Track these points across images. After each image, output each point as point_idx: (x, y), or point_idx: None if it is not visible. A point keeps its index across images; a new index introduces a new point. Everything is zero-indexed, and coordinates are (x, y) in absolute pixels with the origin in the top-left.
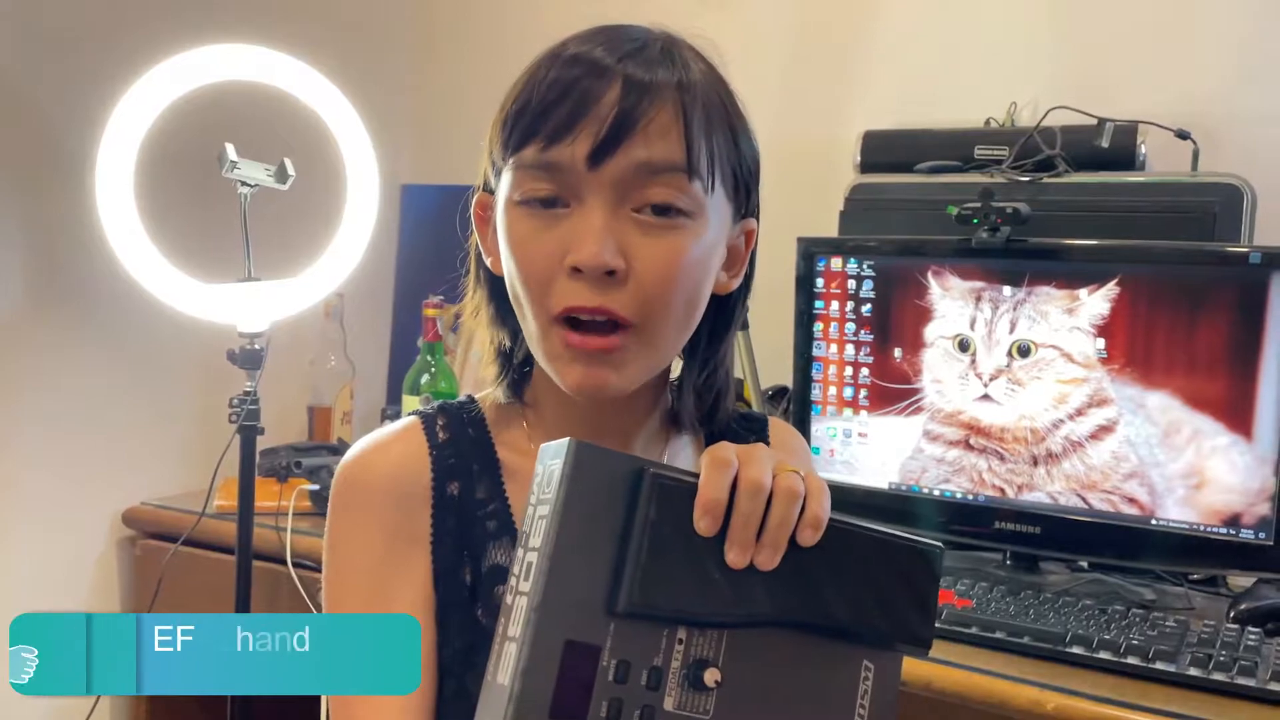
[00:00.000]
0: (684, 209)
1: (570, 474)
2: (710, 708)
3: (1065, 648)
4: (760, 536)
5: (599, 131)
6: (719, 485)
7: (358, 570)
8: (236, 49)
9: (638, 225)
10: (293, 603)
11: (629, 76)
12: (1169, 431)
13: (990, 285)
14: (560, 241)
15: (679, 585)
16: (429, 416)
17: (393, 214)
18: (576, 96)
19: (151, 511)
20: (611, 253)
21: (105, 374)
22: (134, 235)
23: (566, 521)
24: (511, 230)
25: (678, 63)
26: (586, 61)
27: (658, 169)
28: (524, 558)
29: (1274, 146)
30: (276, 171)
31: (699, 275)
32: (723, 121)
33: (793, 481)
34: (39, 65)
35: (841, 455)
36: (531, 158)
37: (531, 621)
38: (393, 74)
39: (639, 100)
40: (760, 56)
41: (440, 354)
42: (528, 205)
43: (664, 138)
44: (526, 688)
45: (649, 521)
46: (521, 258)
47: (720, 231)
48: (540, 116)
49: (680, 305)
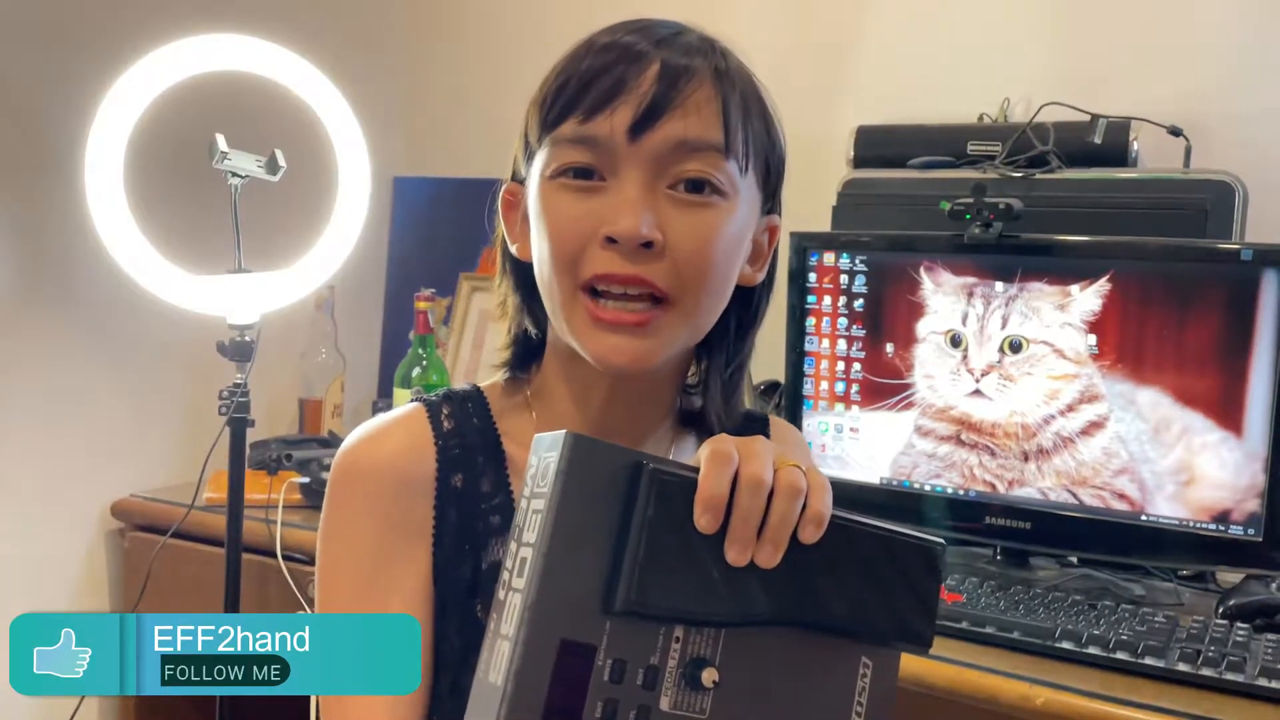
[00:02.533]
0: (719, 187)
1: (566, 468)
2: (707, 707)
3: (1055, 643)
4: (761, 534)
5: (639, 105)
6: (720, 481)
7: (353, 561)
8: (227, 39)
9: (673, 201)
10: (283, 596)
11: (666, 60)
12: (1159, 428)
13: (982, 281)
14: (595, 214)
15: (677, 584)
16: (433, 404)
17: (384, 206)
18: (616, 75)
19: (140, 504)
20: (649, 225)
21: (94, 365)
22: (123, 226)
23: (562, 517)
24: (546, 204)
25: (715, 51)
26: (622, 47)
27: (695, 146)
28: (517, 553)
29: (1266, 144)
30: (267, 163)
31: (732, 254)
32: (759, 109)
33: (795, 477)
34: (28, 55)
35: (833, 450)
36: (570, 131)
37: (526, 620)
38: (385, 66)
39: (677, 79)
40: (753, 51)
41: (432, 347)
42: (564, 177)
43: (701, 116)
44: (520, 688)
45: (647, 518)
46: (554, 229)
47: (750, 217)
48: (581, 92)
49: (715, 280)
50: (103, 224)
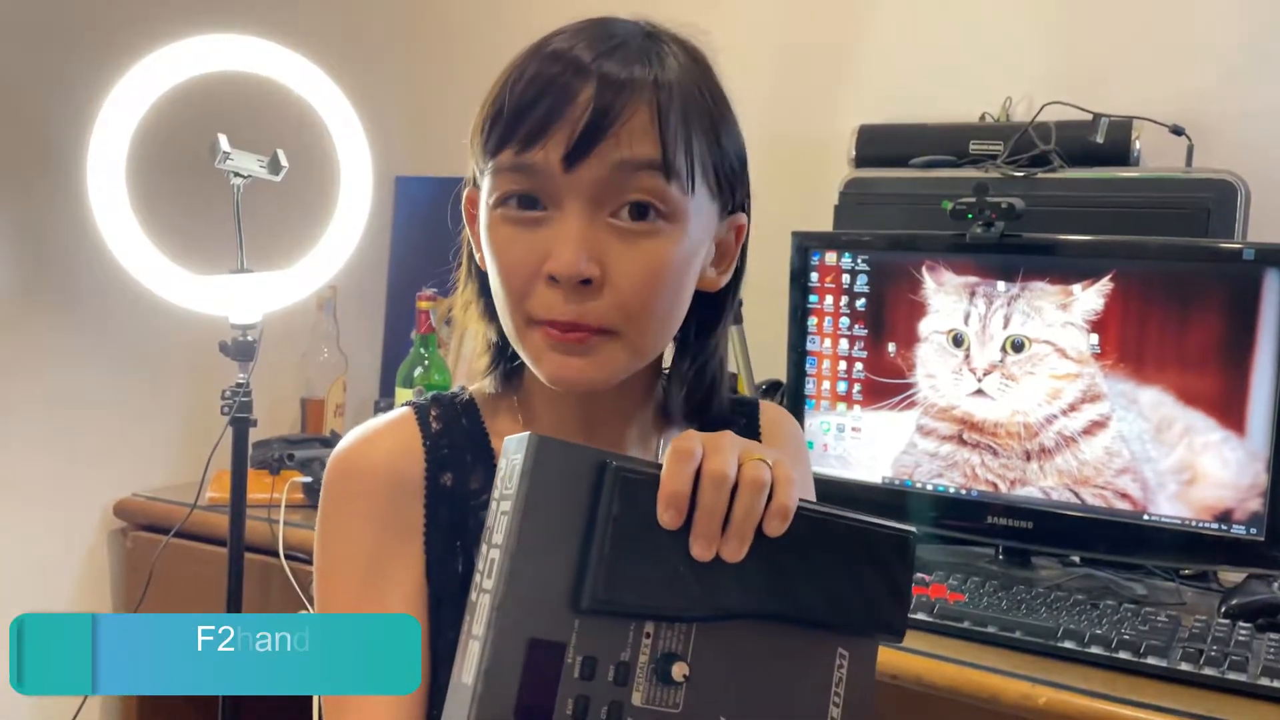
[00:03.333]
0: (662, 211)
1: (531, 469)
2: (680, 701)
3: (1057, 642)
4: (726, 528)
5: (572, 133)
6: (681, 477)
7: (350, 562)
8: (230, 39)
9: (616, 232)
10: (285, 595)
11: (604, 75)
12: (1161, 427)
13: (984, 280)
14: (537, 248)
15: (644, 580)
16: (422, 407)
17: (386, 206)
18: (551, 98)
19: (143, 503)
20: (586, 262)
21: (96, 365)
22: (125, 226)
23: (528, 518)
24: (492, 235)
25: (655, 59)
26: (565, 59)
27: (634, 167)
28: (488, 554)
29: (1268, 143)
30: (269, 163)
31: (678, 281)
32: (703, 118)
33: (758, 471)
34: (30, 54)
35: (835, 450)
36: (508, 161)
37: (494, 621)
38: (386, 65)
39: (614, 100)
40: (755, 50)
41: (434, 346)
42: (505, 208)
43: (640, 137)
44: (490, 687)
45: (611, 516)
46: (501, 264)
47: (703, 232)
48: (514, 120)
49: (660, 310)
50: (105, 224)
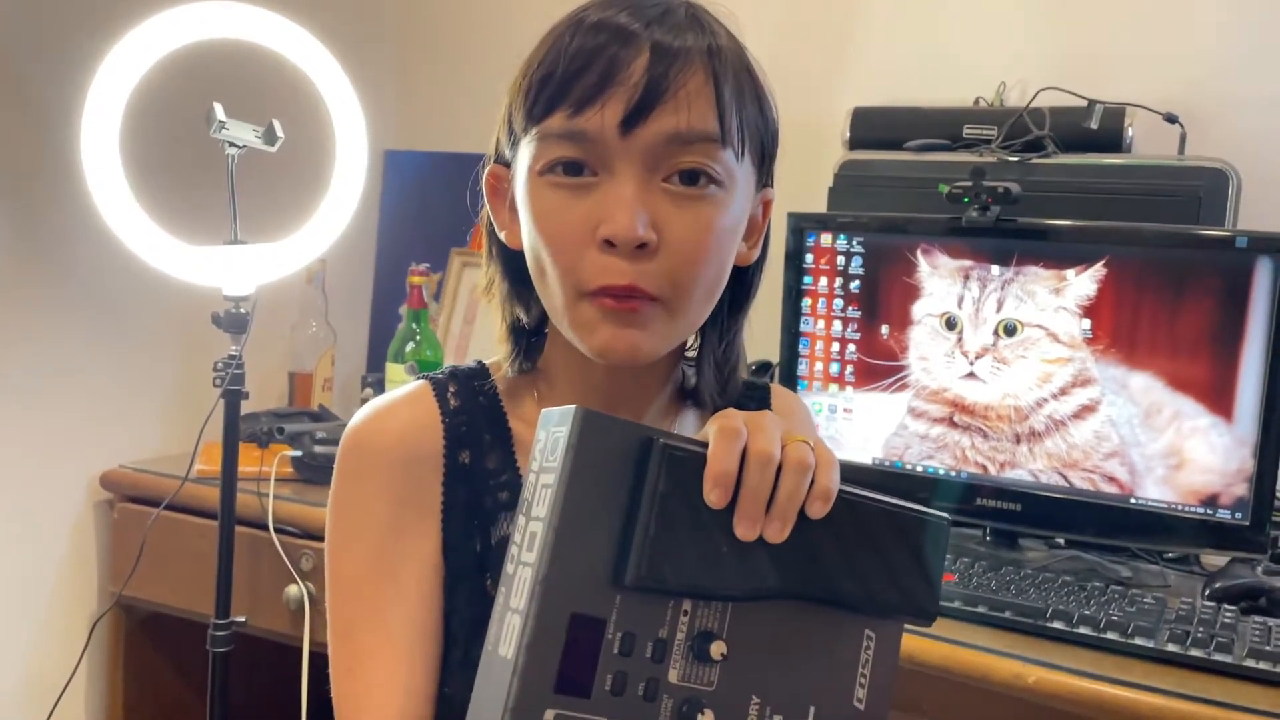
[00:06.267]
0: (715, 178)
1: (577, 442)
2: (714, 679)
3: (1046, 623)
4: (769, 509)
5: (630, 98)
6: (729, 456)
7: (365, 533)
8: (225, 6)
9: (668, 196)
10: (275, 569)
11: (657, 42)
12: (1150, 412)
13: (979, 264)
14: (589, 214)
15: (686, 558)
16: (440, 382)
17: (376, 180)
18: (604, 63)
19: (130, 475)
20: (645, 225)
21: (86, 335)
22: (119, 195)
23: (573, 491)
24: (536, 202)
25: (706, 28)
26: (612, 27)
27: (690, 138)
28: (527, 527)
29: (1260, 131)
30: (265, 133)
31: (727, 246)
32: (751, 88)
33: (803, 453)
34: (22, 20)
35: (826, 430)
36: (558, 126)
37: (537, 594)
38: (377, 38)
39: (669, 66)
40: (750, 30)
41: (425, 321)
42: (553, 174)
43: (696, 105)
44: (531, 661)
45: (658, 492)
46: (548, 231)
47: (746, 201)
48: (567, 83)
49: (708, 278)
50: (98, 193)
